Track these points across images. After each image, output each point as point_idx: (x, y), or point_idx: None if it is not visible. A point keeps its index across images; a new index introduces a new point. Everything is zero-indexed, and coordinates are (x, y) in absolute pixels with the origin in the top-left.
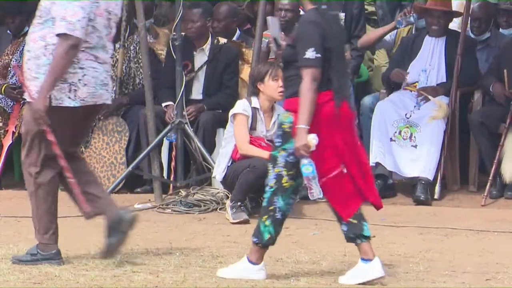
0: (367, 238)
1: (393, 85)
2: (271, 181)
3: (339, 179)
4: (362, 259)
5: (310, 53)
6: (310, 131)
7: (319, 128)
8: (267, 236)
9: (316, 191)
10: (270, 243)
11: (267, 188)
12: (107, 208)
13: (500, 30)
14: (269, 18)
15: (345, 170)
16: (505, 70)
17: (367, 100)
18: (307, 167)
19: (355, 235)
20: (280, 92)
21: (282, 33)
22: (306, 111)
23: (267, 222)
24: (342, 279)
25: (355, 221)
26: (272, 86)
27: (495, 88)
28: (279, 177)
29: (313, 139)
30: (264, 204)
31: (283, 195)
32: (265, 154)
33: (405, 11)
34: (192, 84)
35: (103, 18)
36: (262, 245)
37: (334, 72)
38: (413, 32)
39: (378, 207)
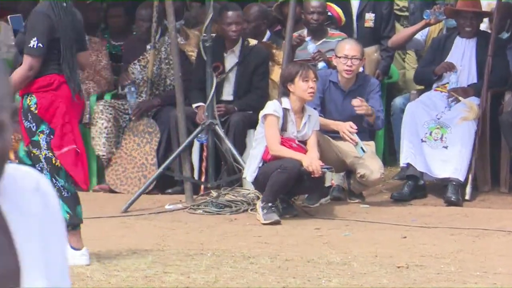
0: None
1: (424, 84)
2: (44, 165)
3: (74, 154)
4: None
5: (33, 43)
6: (55, 105)
7: (60, 104)
8: (66, 216)
9: None
10: (77, 222)
11: (44, 172)
12: None
13: None
14: (9, 17)
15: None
16: None
17: (398, 101)
18: None
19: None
20: (310, 92)
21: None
22: None
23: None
24: None
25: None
26: (302, 87)
27: None
28: (48, 159)
29: None
30: None
31: (59, 174)
32: (296, 155)
33: (435, 7)
34: (223, 85)
35: None
36: (71, 226)
37: (64, 62)
38: (444, 33)
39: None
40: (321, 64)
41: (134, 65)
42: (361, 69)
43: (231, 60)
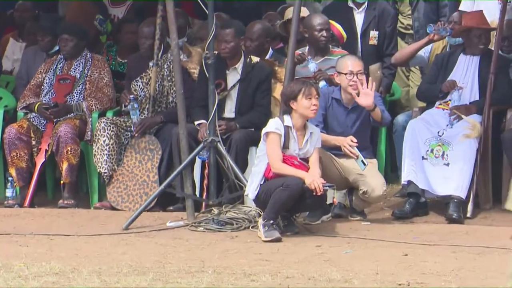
0: None
1: (427, 100)
2: None
3: None
4: None
5: None
6: None
7: None
8: None
9: None
10: None
11: None
12: None
13: None
14: None
15: None
16: None
17: (400, 118)
18: None
19: None
20: (313, 110)
21: None
22: None
23: None
24: None
25: None
26: (305, 104)
27: None
28: None
29: None
30: None
31: None
32: (298, 172)
33: (439, 23)
34: (225, 102)
35: None
36: None
37: None
38: (448, 50)
39: None
40: (322, 83)
41: (136, 82)
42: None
43: (233, 77)
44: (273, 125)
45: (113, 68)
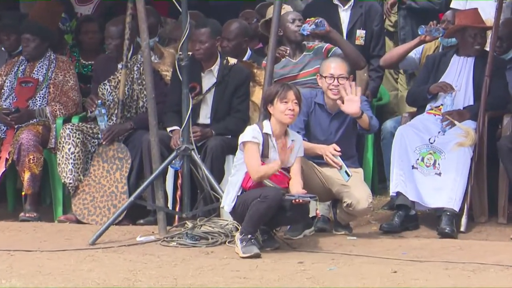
0: None
1: (417, 104)
2: None
3: None
4: None
5: None
6: None
7: None
8: None
9: None
10: None
11: None
12: None
13: None
14: None
15: None
16: None
17: (389, 124)
18: None
19: None
20: (288, 114)
21: None
22: None
23: None
24: None
25: None
26: (280, 108)
27: None
28: None
29: None
30: None
31: None
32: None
33: (431, 23)
34: (200, 107)
35: None
36: None
37: None
38: (440, 50)
39: None
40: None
41: (104, 86)
42: None
43: (208, 80)
44: (250, 133)
45: (77, 70)
